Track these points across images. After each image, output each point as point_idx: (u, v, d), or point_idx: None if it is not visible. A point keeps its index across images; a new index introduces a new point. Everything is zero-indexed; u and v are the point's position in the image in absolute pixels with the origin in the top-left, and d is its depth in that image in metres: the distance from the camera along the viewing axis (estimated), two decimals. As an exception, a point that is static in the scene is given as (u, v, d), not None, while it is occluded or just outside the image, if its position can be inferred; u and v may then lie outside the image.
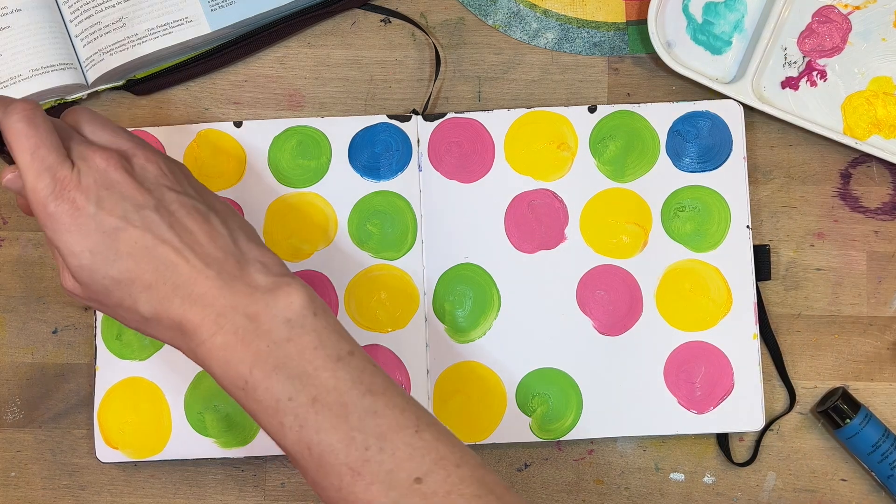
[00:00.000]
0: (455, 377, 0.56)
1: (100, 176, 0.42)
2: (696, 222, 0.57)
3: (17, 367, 0.58)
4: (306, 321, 0.41)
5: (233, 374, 0.41)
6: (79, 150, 0.43)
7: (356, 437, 0.40)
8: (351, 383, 0.41)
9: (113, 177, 0.42)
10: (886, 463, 0.55)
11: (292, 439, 0.41)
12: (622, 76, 0.59)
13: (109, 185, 0.42)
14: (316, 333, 0.42)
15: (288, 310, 0.41)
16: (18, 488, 0.58)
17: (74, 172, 0.42)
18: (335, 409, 0.40)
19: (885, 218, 0.58)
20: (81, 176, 0.42)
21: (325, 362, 0.41)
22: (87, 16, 0.57)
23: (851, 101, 0.58)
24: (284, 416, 0.41)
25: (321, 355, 0.41)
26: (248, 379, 0.41)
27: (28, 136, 0.41)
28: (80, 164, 0.42)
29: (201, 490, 0.57)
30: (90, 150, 0.43)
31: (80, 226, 0.41)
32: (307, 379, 0.41)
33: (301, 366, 0.41)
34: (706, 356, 0.56)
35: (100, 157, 0.42)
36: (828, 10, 0.58)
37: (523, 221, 0.57)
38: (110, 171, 0.42)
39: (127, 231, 0.41)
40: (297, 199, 0.57)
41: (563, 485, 0.57)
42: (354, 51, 0.60)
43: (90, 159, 0.42)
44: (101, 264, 0.41)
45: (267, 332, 0.41)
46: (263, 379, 0.41)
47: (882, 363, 0.57)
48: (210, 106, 0.59)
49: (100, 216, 0.41)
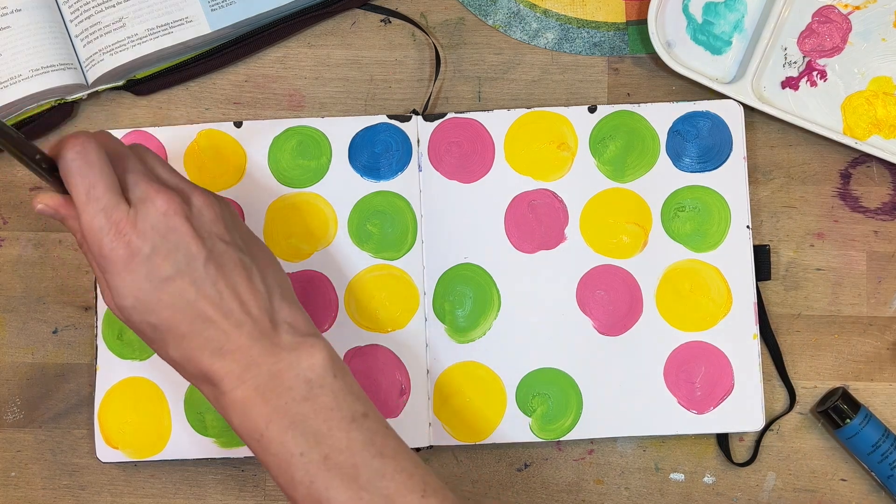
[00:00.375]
0: (455, 377, 0.56)
1: (158, 221, 0.42)
2: (696, 222, 0.57)
3: (17, 367, 0.58)
4: (325, 382, 0.43)
5: (250, 426, 0.42)
6: (140, 190, 0.42)
7: (364, 497, 0.41)
8: (363, 444, 0.42)
9: (172, 223, 0.42)
10: (886, 463, 0.55)
11: (302, 493, 0.42)
12: (622, 76, 0.59)
13: (166, 231, 0.42)
14: (333, 394, 0.43)
15: (310, 371, 0.43)
16: (18, 488, 0.58)
17: (131, 213, 0.41)
18: (346, 469, 0.42)
19: (885, 218, 0.58)
20: (139, 218, 0.41)
21: (339, 423, 0.42)
22: (87, 16, 0.57)
23: (851, 101, 0.58)
24: (296, 471, 0.42)
25: (336, 416, 0.43)
26: (264, 433, 0.42)
27: (83, 174, 0.41)
28: (139, 205, 0.42)
29: (201, 490, 0.57)
30: (153, 191, 0.42)
31: (130, 270, 0.41)
32: (321, 437, 0.42)
33: (316, 424, 0.42)
34: (706, 356, 0.56)
35: (162, 200, 0.42)
36: (828, 10, 0.58)
37: (523, 221, 0.57)
38: (170, 215, 0.42)
39: (174, 283, 0.42)
40: (297, 199, 0.57)
41: (563, 485, 0.57)
42: (354, 51, 0.60)
43: (152, 201, 0.42)
44: (142, 310, 0.42)
45: (287, 391, 0.42)
46: (279, 434, 0.42)
47: (882, 363, 0.57)
48: (210, 106, 0.59)
49: (152, 264, 0.41)
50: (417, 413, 0.56)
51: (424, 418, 0.56)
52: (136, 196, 0.42)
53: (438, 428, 0.56)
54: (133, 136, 0.58)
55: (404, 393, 0.56)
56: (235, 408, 0.42)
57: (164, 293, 0.42)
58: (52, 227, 0.59)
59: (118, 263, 0.41)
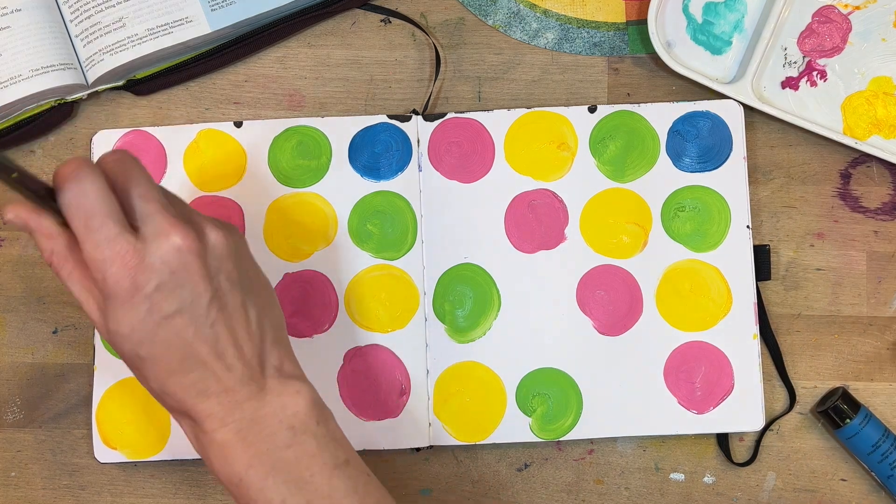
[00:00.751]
0: (455, 377, 0.56)
1: (171, 257, 0.40)
2: (696, 222, 0.57)
3: (17, 367, 0.58)
4: (308, 429, 0.42)
5: (229, 470, 0.42)
6: (155, 222, 0.40)
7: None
8: (344, 492, 0.42)
9: (185, 260, 0.40)
10: (886, 463, 0.55)
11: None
12: (622, 76, 0.59)
13: (177, 268, 0.40)
14: (316, 441, 0.42)
15: (293, 417, 0.42)
16: (18, 488, 0.58)
17: (139, 245, 0.39)
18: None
19: (885, 218, 0.58)
20: (149, 252, 0.39)
21: (321, 469, 0.42)
22: (87, 16, 0.57)
23: (851, 101, 0.58)
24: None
25: (318, 462, 0.42)
26: (244, 477, 0.41)
27: (78, 204, 0.39)
28: (152, 238, 0.39)
29: (201, 490, 0.57)
30: (167, 225, 0.40)
31: (132, 304, 0.40)
32: (303, 484, 0.42)
33: (298, 471, 0.42)
34: (706, 356, 0.56)
35: (178, 236, 0.40)
36: (828, 10, 0.58)
37: (523, 221, 0.57)
38: (184, 253, 0.40)
39: (174, 320, 0.40)
40: (297, 199, 0.57)
41: (563, 485, 0.57)
42: (354, 51, 0.60)
43: (166, 235, 0.40)
44: (135, 342, 0.41)
45: (269, 436, 0.42)
46: (259, 480, 0.41)
47: (882, 363, 0.57)
48: (210, 106, 0.59)
49: (155, 300, 0.40)
50: (417, 413, 0.56)
51: (424, 418, 0.56)
52: (149, 228, 0.40)
53: (438, 428, 0.56)
54: (133, 136, 0.58)
55: (404, 393, 0.56)
56: (215, 449, 0.42)
57: (163, 329, 0.40)
58: (52, 227, 0.59)
59: (121, 295, 0.39)
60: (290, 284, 0.57)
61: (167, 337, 0.40)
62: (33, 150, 0.59)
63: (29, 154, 0.59)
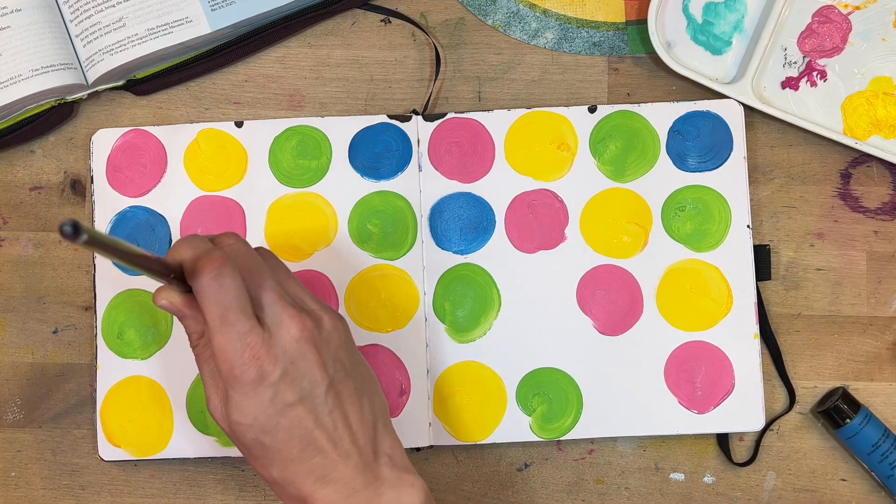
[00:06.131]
0: (455, 377, 0.56)
1: (291, 347, 0.41)
2: (696, 222, 0.57)
3: (17, 367, 0.58)
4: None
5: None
6: (275, 313, 0.42)
7: None
8: None
9: (303, 350, 0.42)
10: (886, 463, 0.55)
11: None
12: (622, 76, 0.59)
13: (297, 357, 0.42)
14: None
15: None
16: (18, 488, 0.58)
17: (266, 337, 0.41)
18: None
19: (885, 218, 0.58)
20: (273, 343, 0.41)
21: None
22: (87, 16, 0.57)
23: (851, 101, 0.58)
24: None
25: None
26: None
27: (218, 299, 0.40)
28: (274, 329, 0.41)
29: (202, 490, 0.57)
30: (287, 316, 0.42)
31: (257, 393, 0.41)
32: None
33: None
34: (706, 356, 0.56)
35: (297, 326, 0.42)
36: (828, 10, 0.58)
37: (523, 221, 0.57)
38: (302, 343, 0.42)
39: (295, 409, 0.42)
40: (298, 199, 0.57)
41: (563, 485, 0.57)
42: (354, 51, 0.60)
43: (287, 327, 0.42)
44: (258, 430, 0.42)
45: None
46: None
47: (882, 363, 0.57)
48: (210, 106, 0.59)
49: (279, 388, 0.41)
50: (417, 413, 0.56)
51: (424, 418, 0.56)
52: (271, 319, 0.42)
53: (438, 428, 0.56)
54: (133, 135, 0.58)
55: (404, 393, 0.56)
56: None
57: (285, 418, 0.42)
58: (52, 227, 0.59)
59: (247, 385, 0.41)
60: (291, 284, 0.57)
61: (289, 425, 0.42)
62: (33, 150, 0.59)
63: (29, 154, 0.59)
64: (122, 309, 0.57)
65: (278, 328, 0.42)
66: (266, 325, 0.42)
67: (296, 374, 0.42)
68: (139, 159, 0.58)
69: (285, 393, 0.41)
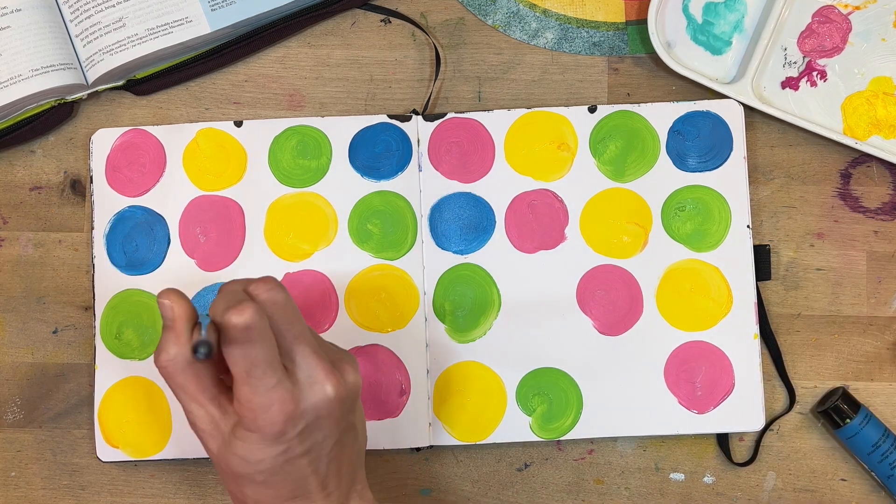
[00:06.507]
0: (455, 377, 0.56)
1: (322, 405, 0.41)
2: (696, 222, 0.57)
3: (17, 367, 0.58)
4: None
5: None
6: (308, 367, 0.41)
7: None
8: None
9: (332, 408, 0.42)
10: (886, 463, 0.55)
11: None
12: (622, 76, 0.59)
13: (324, 415, 0.42)
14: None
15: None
16: (18, 488, 0.58)
17: (295, 393, 0.41)
18: None
19: (885, 218, 0.58)
20: (302, 399, 0.41)
21: None
22: (87, 16, 0.57)
23: (851, 101, 0.58)
24: None
25: None
26: None
27: (245, 352, 0.39)
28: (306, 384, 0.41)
29: (201, 490, 0.57)
30: (322, 372, 0.41)
31: (273, 445, 0.41)
32: None
33: None
34: (706, 356, 0.56)
35: (332, 385, 0.41)
36: (828, 10, 0.58)
37: (523, 221, 0.57)
38: (336, 402, 0.41)
39: (301, 460, 0.42)
40: (298, 198, 0.57)
41: (563, 485, 0.57)
42: (354, 51, 0.60)
43: (320, 383, 0.41)
44: (257, 470, 0.42)
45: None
46: None
47: (882, 363, 0.57)
48: (210, 106, 0.59)
49: (294, 440, 0.41)
50: (417, 413, 0.56)
51: (424, 418, 0.56)
52: (304, 374, 0.41)
53: (438, 428, 0.56)
54: (132, 134, 0.58)
55: (404, 393, 0.56)
56: None
57: (289, 465, 0.42)
58: (52, 227, 0.59)
59: (268, 437, 0.41)
60: (290, 284, 0.57)
61: (290, 470, 0.42)
62: (33, 150, 0.59)
63: (29, 154, 0.59)
64: (120, 309, 0.57)
65: (311, 384, 0.41)
66: (300, 381, 0.41)
67: (314, 428, 0.42)
68: (139, 159, 0.58)
69: (298, 447, 0.41)
